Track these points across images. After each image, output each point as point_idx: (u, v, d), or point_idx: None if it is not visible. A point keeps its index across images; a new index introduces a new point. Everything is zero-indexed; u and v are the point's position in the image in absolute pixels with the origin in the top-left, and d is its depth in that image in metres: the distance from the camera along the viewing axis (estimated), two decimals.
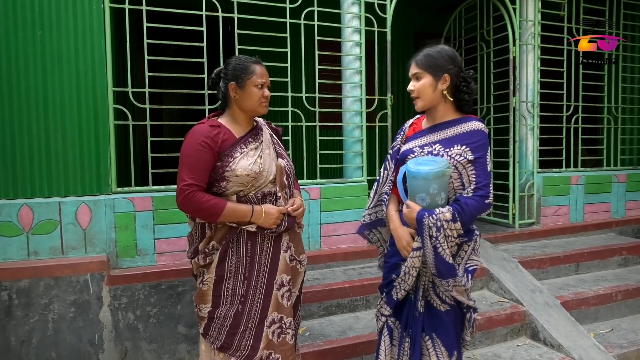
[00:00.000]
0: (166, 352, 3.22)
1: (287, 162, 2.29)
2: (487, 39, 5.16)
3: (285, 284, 2.20)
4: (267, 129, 2.37)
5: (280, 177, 2.21)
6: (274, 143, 2.33)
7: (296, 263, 2.29)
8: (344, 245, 3.99)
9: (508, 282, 3.81)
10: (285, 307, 2.19)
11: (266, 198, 2.17)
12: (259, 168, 2.14)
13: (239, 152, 2.13)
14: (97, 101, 3.19)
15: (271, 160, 2.23)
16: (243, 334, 2.13)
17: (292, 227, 2.23)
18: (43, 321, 2.98)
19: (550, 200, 4.95)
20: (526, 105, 4.88)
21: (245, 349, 2.13)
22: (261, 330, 2.14)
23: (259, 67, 2.21)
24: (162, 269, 3.24)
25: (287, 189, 2.25)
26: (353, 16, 4.09)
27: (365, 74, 4.12)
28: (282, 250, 2.21)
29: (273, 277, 2.17)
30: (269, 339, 2.15)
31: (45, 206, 3.07)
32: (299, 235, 2.34)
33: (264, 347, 2.14)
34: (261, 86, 2.20)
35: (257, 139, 2.25)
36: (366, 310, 3.55)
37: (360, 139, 4.13)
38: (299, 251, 2.31)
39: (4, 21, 2.99)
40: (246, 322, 2.14)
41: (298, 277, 2.31)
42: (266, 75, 2.23)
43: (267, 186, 2.18)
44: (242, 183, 2.11)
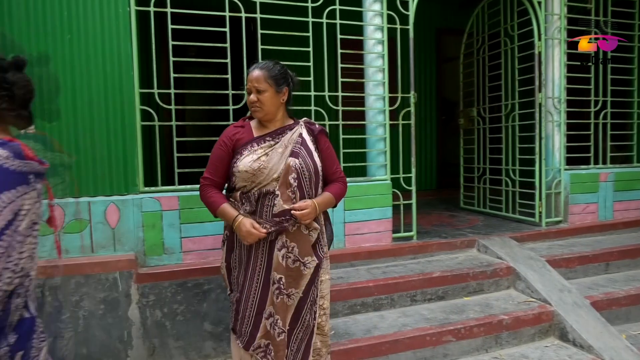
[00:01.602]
0: (193, 349, 3.26)
1: (301, 162, 2.24)
2: (511, 34, 5.08)
3: (275, 282, 2.23)
4: (303, 129, 2.35)
5: (286, 175, 2.21)
6: (297, 142, 2.29)
7: (299, 264, 2.24)
8: (367, 244, 3.98)
9: (535, 281, 3.75)
10: (275, 304, 2.23)
11: (264, 196, 2.21)
12: (258, 165, 2.19)
13: (248, 150, 2.24)
14: (124, 103, 3.25)
15: (280, 159, 2.23)
16: (243, 320, 2.27)
17: (284, 229, 2.21)
18: (74, 318, 3.05)
19: (578, 198, 4.86)
20: (552, 101, 4.80)
21: (245, 335, 2.27)
22: (260, 320, 2.25)
23: (250, 72, 2.29)
24: (188, 267, 3.28)
25: (294, 189, 2.22)
26: (375, 14, 4.07)
27: (387, 72, 4.10)
28: (276, 248, 2.23)
29: (269, 272, 2.25)
30: (267, 329, 2.25)
31: (75, 206, 3.14)
32: (306, 237, 2.27)
33: (262, 336, 2.25)
34: (249, 91, 2.27)
35: (276, 138, 2.27)
36: (391, 309, 3.53)
37: (384, 137, 4.11)
38: (304, 253, 2.25)
39: (34, 26, 3.06)
40: (244, 310, 2.27)
41: (301, 279, 2.25)
42: (251, 79, 2.26)
43: (270, 184, 2.20)
44: (244, 179, 2.21)
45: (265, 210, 2.22)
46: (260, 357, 2.25)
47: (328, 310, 2.42)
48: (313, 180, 2.28)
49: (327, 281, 2.41)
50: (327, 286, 2.41)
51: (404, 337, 3.11)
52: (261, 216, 2.22)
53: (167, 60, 3.49)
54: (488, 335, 3.32)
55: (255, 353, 2.26)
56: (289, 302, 2.24)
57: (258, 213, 2.23)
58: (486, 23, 5.53)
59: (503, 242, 4.28)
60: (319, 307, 2.36)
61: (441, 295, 3.68)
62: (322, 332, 2.40)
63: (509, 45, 5.19)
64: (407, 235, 4.21)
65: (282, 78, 2.30)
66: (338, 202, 2.41)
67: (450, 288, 3.70)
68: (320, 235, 2.34)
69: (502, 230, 4.64)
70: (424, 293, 3.64)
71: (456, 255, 4.21)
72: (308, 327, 2.31)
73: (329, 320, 2.44)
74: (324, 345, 2.40)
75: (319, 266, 2.31)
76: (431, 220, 5.26)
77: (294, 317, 2.27)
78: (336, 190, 2.38)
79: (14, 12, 3.02)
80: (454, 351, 3.23)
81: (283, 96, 2.31)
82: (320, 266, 2.33)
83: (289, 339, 2.27)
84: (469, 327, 3.26)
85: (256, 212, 2.23)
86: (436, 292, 3.67)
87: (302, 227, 2.25)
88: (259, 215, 2.22)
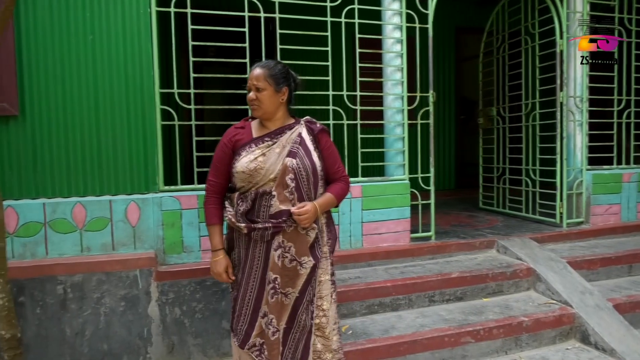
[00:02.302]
0: (211, 347, 3.29)
1: (298, 162, 2.22)
2: (532, 32, 5.02)
3: (270, 282, 2.23)
4: (302, 128, 2.34)
5: (283, 176, 2.20)
6: (296, 142, 2.27)
7: (296, 264, 2.23)
8: (385, 243, 3.96)
9: (556, 283, 3.70)
10: (270, 303, 2.24)
11: (261, 197, 2.22)
12: (255, 165, 2.20)
13: (246, 151, 2.25)
14: (144, 102, 3.29)
15: (277, 160, 2.22)
16: (239, 318, 2.30)
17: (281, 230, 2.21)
18: (95, 314, 3.10)
19: (601, 199, 4.78)
20: (574, 100, 4.73)
21: (241, 333, 2.29)
22: (255, 319, 2.27)
23: (252, 70, 2.30)
24: (207, 266, 3.23)
25: (292, 189, 2.21)
26: (394, 13, 4.06)
27: (406, 71, 4.08)
28: (273, 248, 2.23)
29: (265, 272, 2.25)
30: (262, 328, 2.25)
31: (97, 204, 3.19)
32: (304, 237, 2.25)
33: (256, 335, 2.26)
34: (250, 90, 2.29)
35: (275, 139, 2.28)
36: (409, 309, 3.52)
37: (402, 137, 4.10)
38: (301, 253, 2.24)
39: (57, 27, 3.12)
40: (240, 308, 2.30)
41: (297, 278, 2.24)
42: (251, 77, 2.28)
43: (267, 184, 2.21)
44: (242, 179, 2.23)
45: (262, 210, 2.22)
46: (255, 355, 2.26)
47: (330, 312, 2.37)
48: (311, 181, 2.26)
49: (327, 282, 2.37)
50: (326, 287, 2.37)
51: (422, 338, 3.10)
52: (258, 216, 2.23)
53: (187, 60, 3.52)
54: (507, 337, 3.28)
55: (250, 352, 2.27)
56: (285, 301, 2.24)
57: (255, 213, 2.23)
58: (506, 21, 5.47)
59: (523, 243, 4.23)
60: (317, 308, 2.34)
61: (460, 296, 3.66)
62: (323, 335, 2.36)
63: (529, 44, 5.12)
64: (425, 235, 4.18)
65: (282, 77, 2.29)
66: (340, 202, 2.40)
67: (469, 289, 3.67)
68: (319, 236, 2.32)
69: (522, 231, 4.59)
70: (443, 294, 3.61)
71: (475, 255, 4.17)
72: (305, 327, 2.29)
73: (337, 324, 2.42)
74: (327, 350, 2.36)
75: (316, 266, 2.28)
76: (450, 221, 5.22)
77: (290, 316, 2.26)
78: (338, 191, 2.37)
79: (39, 13, 3.08)
80: (473, 352, 3.20)
81: (282, 96, 2.29)
82: (318, 266, 2.30)
83: (286, 339, 2.26)
84: (488, 328, 3.23)
85: (253, 211, 2.23)
86: (455, 293, 3.64)
87: (299, 227, 2.23)
88: (256, 215, 2.23)
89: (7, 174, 3.06)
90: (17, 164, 3.08)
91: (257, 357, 2.25)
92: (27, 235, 3.08)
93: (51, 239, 3.12)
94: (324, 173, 2.35)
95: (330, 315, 2.37)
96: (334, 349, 2.38)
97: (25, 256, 3.09)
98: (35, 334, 3.01)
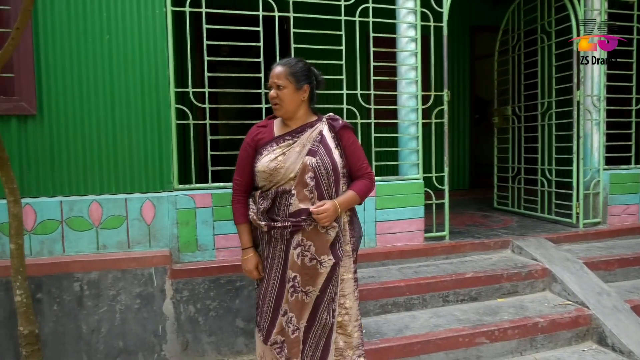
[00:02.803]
0: (225, 345, 3.30)
1: (318, 160, 2.21)
2: (549, 31, 4.96)
3: (290, 280, 2.24)
4: (324, 126, 2.32)
5: (303, 174, 2.20)
6: (317, 140, 2.26)
7: (316, 263, 2.23)
8: (399, 243, 3.95)
9: (572, 283, 3.65)
10: (290, 301, 2.24)
11: (281, 195, 2.22)
12: (275, 165, 2.21)
13: (268, 150, 2.27)
14: (159, 102, 3.31)
15: (297, 158, 2.22)
16: (261, 315, 2.32)
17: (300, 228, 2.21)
18: (111, 311, 3.13)
19: (618, 199, 4.71)
20: (591, 99, 4.67)
21: (263, 329, 2.31)
22: (276, 317, 2.27)
23: (273, 68, 2.30)
24: (221, 264, 3.33)
25: (312, 188, 2.20)
26: (408, 11, 4.03)
27: (420, 70, 4.06)
28: (292, 247, 2.23)
29: (285, 270, 2.26)
30: (282, 326, 2.26)
31: (113, 202, 3.23)
32: (323, 236, 2.23)
33: (277, 332, 2.27)
34: (270, 88, 2.29)
35: (295, 137, 2.28)
36: (423, 309, 3.50)
37: (416, 136, 4.08)
38: (321, 252, 2.23)
39: (75, 27, 3.15)
40: (262, 304, 2.32)
41: (317, 277, 2.24)
42: (272, 75, 2.28)
43: (287, 183, 2.21)
44: (263, 178, 2.24)
45: (282, 209, 2.23)
46: (276, 352, 2.28)
47: (352, 310, 2.36)
48: (332, 179, 2.24)
49: (350, 280, 2.36)
50: (349, 285, 2.35)
51: (436, 338, 3.08)
52: (278, 214, 2.23)
53: (201, 59, 3.54)
54: (522, 338, 3.25)
55: (273, 348, 2.28)
56: (306, 300, 2.23)
57: (276, 212, 2.24)
58: (522, 19, 5.42)
59: (538, 243, 4.18)
60: (340, 306, 2.33)
61: (474, 296, 3.63)
62: (345, 332, 2.35)
63: (545, 42, 5.06)
64: (439, 235, 4.16)
65: (304, 75, 2.28)
66: (364, 199, 2.36)
67: (483, 289, 3.64)
68: (341, 234, 2.30)
69: (538, 231, 4.55)
70: (457, 294, 3.59)
71: (490, 256, 4.13)
72: (326, 325, 2.28)
73: (358, 321, 2.41)
74: (348, 347, 2.36)
75: (337, 265, 2.26)
76: (464, 220, 5.18)
77: (311, 315, 2.25)
78: (361, 188, 2.33)
79: (56, 14, 3.11)
80: (487, 353, 3.18)
81: (303, 94, 2.28)
82: (339, 265, 2.28)
83: (307, 337, 2.26)
84: (502, 329, 3.20)
85: (273, 210, 2.24)
86: (469, 293, 3.62)
87: (318, 226, 2.21)
88: (276, 213, 2.24)
89: (26, 173, 3.10)
90: (35, 162, 3.12)
91: (279, 354, 2.27)
92: (44, 232, 3.12)
93: (68, 237, 3.16)
94: (347, 170, 2.33)
95: (352, 313, 2.37)
96: (355, 345, 2.38)
97: (42, 253, 3.13)
98: (52, 331, 3.05)
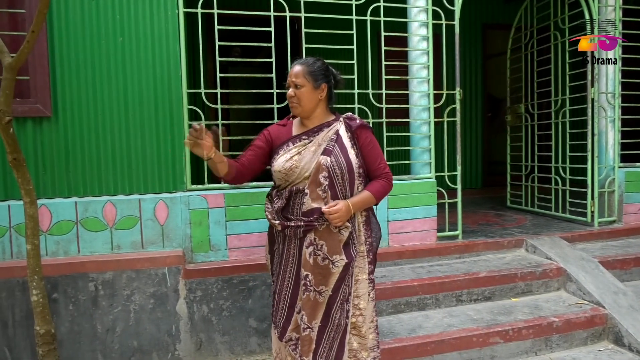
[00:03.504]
0: (238, 345, 3.32)
1: (332, 160, 2.19)
2: (562, 28, 4.90)
3: (302, 279, 2.24)
4: (341, 125, 2.31)
5: (317, 174, 2.19)
6: (332, 140, 2.24)
7: (328, 262, 2.21)
8: (412, 242, 3.93)
9: (588, 283, 3.61)
10: (302, 299, 2.24)
11: (295, 195, 2.23)
12: (290, 165, 2.22)
13: (284, 149, 2.27)
14: (172, 103, 3.33)
15: (312, 158, 2.22)
16: (277, 312, 2.33)
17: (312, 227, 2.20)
18: (125, 311, 3.16)
19: (634, 197, 4.65)
20: (606, 96, 4.61)
21: (279, 326, 2.32)
22: (291, 314, 2.29)
23: (291, 68, 2.29)
24: (234, 264, 3.34)
25: (325, 187, 2.19)
26: (420, 10, 4.01)
27: (432, 69, 4.04)
28: (304, 246, 2.24)
29: (299, 269, 2.26)
30: (297, 323, 2.27)
31: (127, 203, 3.25)
32: (336, 235, 2.22)
33: (292, 329, 2.28)
34: (289, 87, 2.28)
35: (311, 137, 2.27)
36: (436, 309, 3.48)
37: (428, 135, 4.06)
38: (333, 251, 2.21)
39: (88, 29, 3.18)
40: (277, 302, 2.33)
41: (330, 276, 2.21)
42: (291, 74, 2.26)
43: (301, 182, 2.22)
44: (279, 178, 2.27)
45: (295, 207, 2.24)
46: (291, 349, 2.28)
47: (367, 311, 2.34)
48: (346, 178, 2.22)
49: (365, 281, 2.33)
50: (364, 286, 2.33)
51: (449, 338, 3.06)
52: (292, 213, 2.24)
53: (213, 60, 3.56)
54: (537, 338, 3.22)
55: (287, 345, 2.29)
56: (319, 299, 2.22)
57: (289, 210, 2.25)
58: (535, 17, 5.36)
59: (553, 242, 4.14)
60: (354, 307, 2.31)
61: (488, 296, 3.60)
62: (359, 334, 2.34)
63: (559, 39, 5.01)
64: (452, 234, 4.14)
65: (322, 74, 2.27)
66: (380, 199, 2.33)
67: (497, 288, 3.61)
68: (354, 234, 2.28)
69: (552, 230, 4.50)
70: (470, 293, 3.56)
71: (503, 255, 4.10)
72: (339, 325, 2.26)
73: (374, 322, 2.39)
74: (363, 349, 2.35)
75: (350, 265, 2.23)
76: (477, 219, 5.15)
77: (325, 314, 2.23)
78: (377, 188, 2.30)
79: (70, 16, 3.15)
80: (502, 353, 3.15)
81: (321, 92, 2.27)
82: (352, 265, 2.25)
83: (321, 337, 2.24)
84: (517, 328, 3.17)
85: (287, 209, 2.26)
86: (483, 293, 3.59)
87: (330, 226, 2.20)
88: (290, 212, 2.25)
89: (41, 174, 3.14)
90: (51, 163, 3.16)
91: (293, 352, 2.28)
92: (60, 233, 3.16)
93: (83, 237, 3.19)
94: (364, 170, 2.31)
95: (366, 314, 2.35)
96: (369, 347, 2.36)
97: (58, 254, 3.17)
98: (68, 330, 3.09)
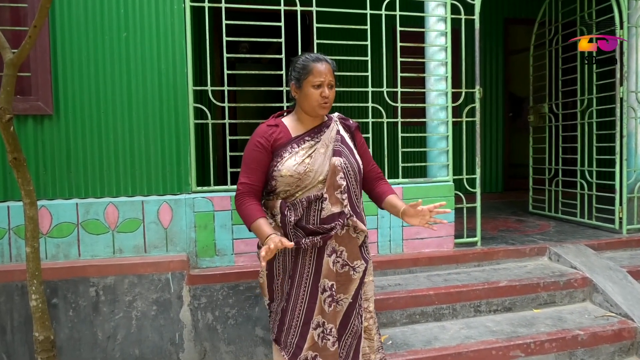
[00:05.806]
0: (244, 355, 3.18)
1: (345, 160, 2.14)
2: (589, 23, 4.71)
3: (327, 289, 2.15)
4: (339, 125, 2.26)
5: (333, 176, 2.11)
6: (337, 140, 2.19)
7: (349, 269, 2.17)
8: (428, 249, 3.77)
9: (615, 294, 3.42)
10: (327, 312, 2.15)
11: (312, 205, 2.11)
12: (304, 169, 2.09)
13: (289, 151, 2.13)
14: (177, 100, 3.22)
15: (324, 160, 2.12)
16: (288, 331, 2.17)
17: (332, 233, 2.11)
18: (127, 318, 3.05)
19: None
20: (636, 96, 4.42)
21: (291, 346, 2.16)
22: (307, 331, 2.15)
23: (319, 65, 2.12)
24: (240, 270, 3.21)
25: (343, 189, 2.12)
26: (438, 4, 3.85)
27: (450, 66, 3.87)
28: (326, 254, 2.14)
29: (317, 280, 2.15)
30: (314, 340, 2.15)
31: (130, 205, 3.14)
32: (355, 240, 2.19)
33: (309, 347, 2.14)
34: (319, 85, 2.11)
35: (315, 138, 2.17)
36: (453, 319, 3.33)
37: (446, 136, 3.89)
38: (353, 257, 2.18)
39: (92, 24, 3.08)
40: (290, 320, 2.16)
41: (350, 284, 2.19)
42: (326, 73, 2.12)
43: (315, 187, 2.10)
44: (288, 183, 2.11)
45: (313, 215, 2.11)
46: None
47: (374, 312, 2.37)
48: (358, 179, 2.21)
49: (371, 283, 2.35)
50: (371, 288, 2.34)
51: (467, 350, 2.92)
52: (308, 222, 2.11)
53: (220, 56, 3.44)
54: (561, 352, 3.05)
55: None
56: (337, 308, 2.18)
57: (305, 220, 2.12)
58: (560, 11, 5.16)
59: (578, 250, 3.94)
60: (365, 310, 2.30)
61: (508, 307, 3.44)
62: (369, 337, 2.33)
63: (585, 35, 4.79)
64: (470, 240, 3.96)
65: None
66: None
67: (518, 299, 3.45)
68: (365, 238, 2.28)
69: (577, 237, 4.31)
70: (489, 303, 3.40)
71: (525, 263, 3.93)
72: (357, 332, 2.23)
73: (376, 323, 2.39)
74: (371, 351, 2.34)
75: (366, 269, 2.25)
76: (497, 225, 4.97)
77: (343, 323, 2.20)
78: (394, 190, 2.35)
79: (73, 12, 3.05)
80: None
81: None
82: (367, 268, 2.27)
83: (338, 346, 2.20)
84: (539, 342, 3.01)
85: (302, 219, 2.12)
86: (502, 303, 3.43)
87: (350, 230, 2.16)
88: (306, 221, 2.12)
89: (42, 174, 3.05)
90: (51, 163, 3.06)
91: None
92: (60, 236, 3.06)
93: (84, 240, 3.09)
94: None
95: (374, 316, 2.36)
96: (376, 348, 2.36)
97: (58, 257, 3.07)
98: (68, 337, 2.99)
